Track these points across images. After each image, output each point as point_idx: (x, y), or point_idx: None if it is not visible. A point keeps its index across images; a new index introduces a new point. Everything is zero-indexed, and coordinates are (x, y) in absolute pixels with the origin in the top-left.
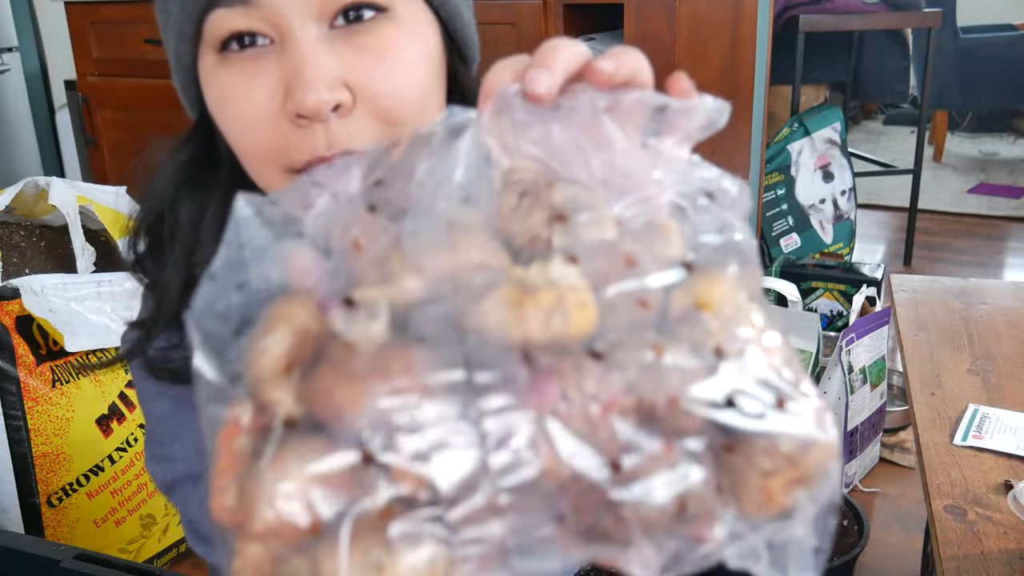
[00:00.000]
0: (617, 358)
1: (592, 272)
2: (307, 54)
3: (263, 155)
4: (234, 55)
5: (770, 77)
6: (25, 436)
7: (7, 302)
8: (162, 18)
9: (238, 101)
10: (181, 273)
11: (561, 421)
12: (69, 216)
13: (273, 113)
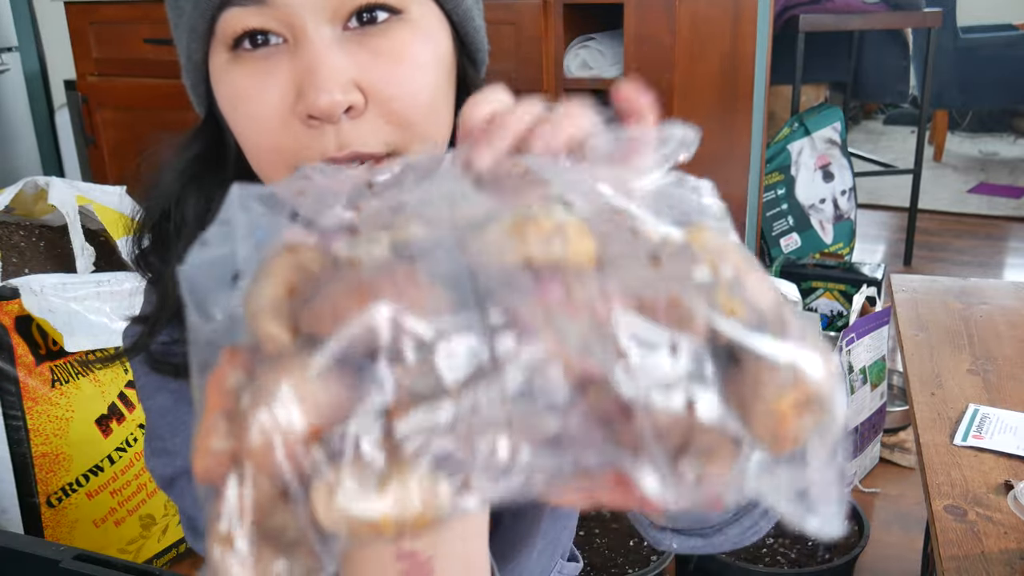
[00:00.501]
0: (617, 268)
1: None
2: (320, 55)
3: (273, 155)
4: (246, 54)
5: (770, 77)
6: (24, 436)
7: (6, 302)
8: (173, 15)
9: (250, 100)
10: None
11: (567, 315)
12: (68, 216)
13: (284, 113)
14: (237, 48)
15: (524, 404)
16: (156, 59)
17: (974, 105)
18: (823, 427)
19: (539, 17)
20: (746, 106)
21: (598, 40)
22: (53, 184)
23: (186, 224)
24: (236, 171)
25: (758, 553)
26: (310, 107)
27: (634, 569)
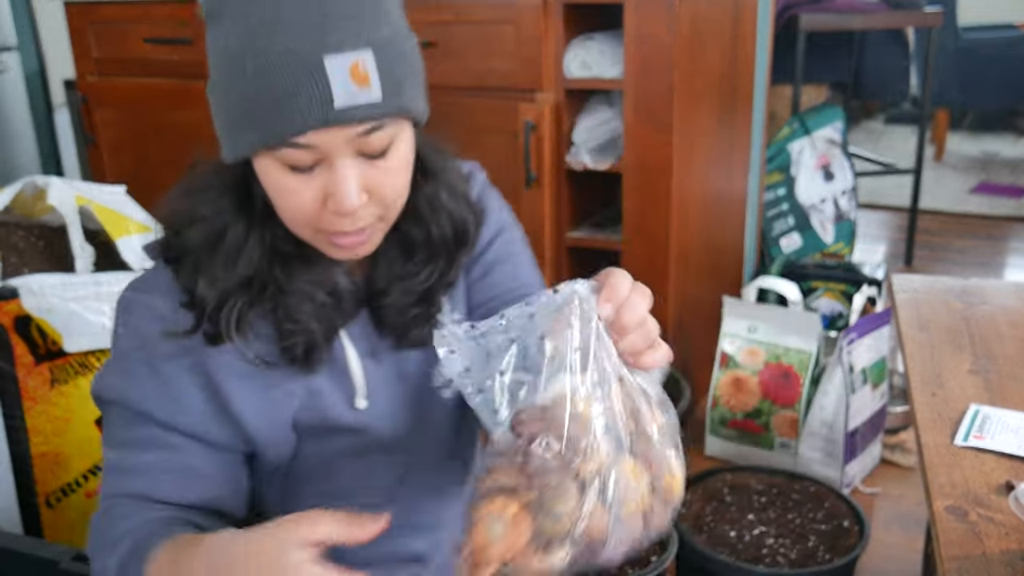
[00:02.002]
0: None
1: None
2: (346, 180)
3: (305, 225)
4: (292, 170)
5: (771, 77)
6: (24, 436)
7: (6, 302)
8: (227, 117)
9: (295, 196)
10: (218, 287)
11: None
12: (68, 216)
13: (318, 206)
14: (286, 166)
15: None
16: (156, 59)
17: (975, 105)
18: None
19: (539, 17)
20: (746, 106)
21: (598, 40)
22: (52, 184)
23: (223, 248)
24: (262, 211)
25: (759, 554)
26: (338, 208)
27: (634, 569)
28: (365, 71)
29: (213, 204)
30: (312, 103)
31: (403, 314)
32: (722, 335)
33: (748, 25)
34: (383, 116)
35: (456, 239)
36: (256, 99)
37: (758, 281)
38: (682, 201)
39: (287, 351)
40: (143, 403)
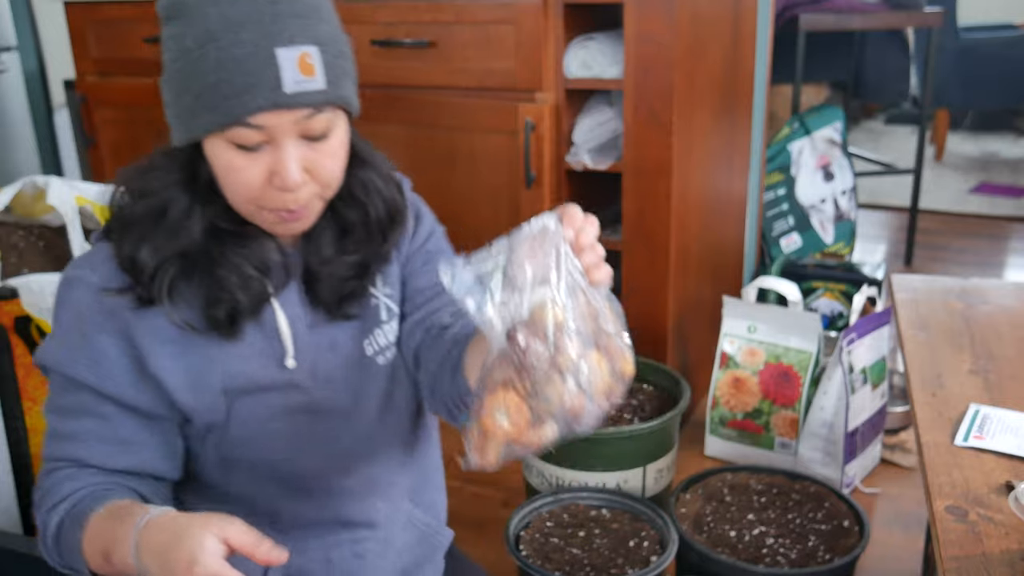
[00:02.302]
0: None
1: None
2: (290, 157)
3: (247, 200)
4: (241, 149)
5: (770, 77)
6: (23, 436)
7: (5, 302)
8: (180, 105)
9: (241, 172)
10: (160, 255)
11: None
12: (68, 216)
13: (263, 183)
14: (236, 145)
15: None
16: (155, 59)
17: (975, 105)
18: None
19: (539, 17)
20: (746, 106)
21: (598, 40)
22: (52, 184)
23: (167, 220)
24: (206, 188)
25: (759, 553)
26: (282, 185)
27: (634, 569)
28: (311, 63)
29: (161, 180)
30: (265, 88)
31: (337, 288)
32: (722, 335)
33: (748, 25)
34: (325, 103)
35: (389, 218)
36: (216, 85)
37: (758, 281)
38: (682, 201)
39: (212, 318)
40: (75, 369)
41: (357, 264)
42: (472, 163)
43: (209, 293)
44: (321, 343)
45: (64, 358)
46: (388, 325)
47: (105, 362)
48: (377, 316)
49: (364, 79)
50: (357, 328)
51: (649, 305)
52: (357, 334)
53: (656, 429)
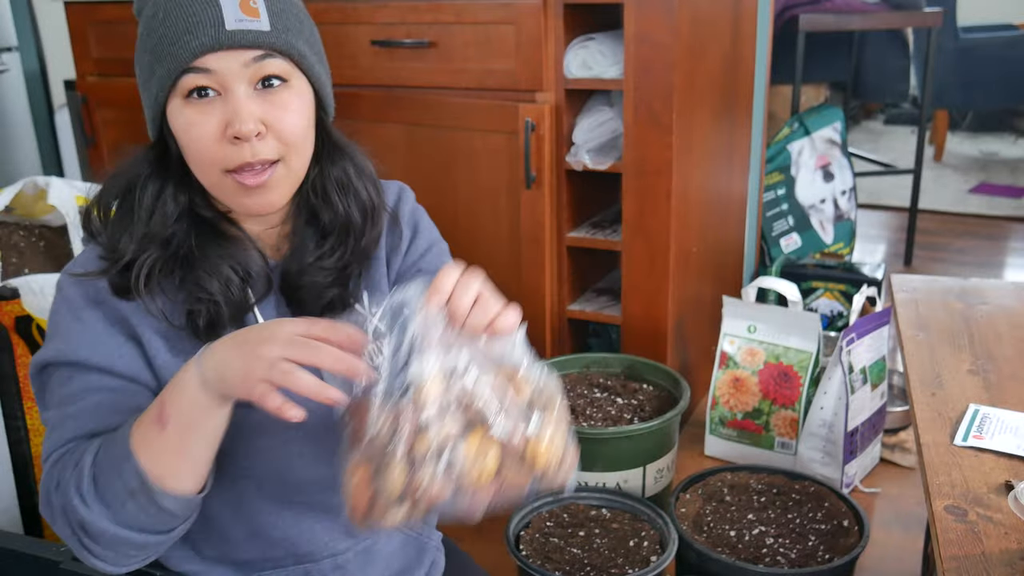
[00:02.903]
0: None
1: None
2: (241, 102)
3: (209, 162)
4: (195, 100)
5: (770, 77)
6: (24, 436)
7: (6, 302)
8: (144, 74)
9: (197, 127)
10: (138, 243)
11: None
12: (68, 216)
13: (218, 136)
14: (189, 97)
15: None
16: None
17: (974, 105)
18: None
19: (539, 17)
20: (746, 106)
21: (598, 40)
22: (53, 184)
23: (142, 202)
24: (178, 170)
25: (759, 553)
26: (236, 132)
27: (634, 569)
28: (254, 6)
29: (133, 166)
30: (207, 26)
31: (320, 296)
32: (722, 335)
33: (748, 25)
34: (270, 45)
35: (364, 217)
36: (163, 38)
37: (758, 281)
38: (682, 201)
39: (191, 321)
40: (79, 352)
41: (336, 268)
42: (472, 163)
43: (190, 295)
44: None
45: (63, 347)
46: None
47: (109, 342)
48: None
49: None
50: None
51: (649, 305)
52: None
53: (656, 429)
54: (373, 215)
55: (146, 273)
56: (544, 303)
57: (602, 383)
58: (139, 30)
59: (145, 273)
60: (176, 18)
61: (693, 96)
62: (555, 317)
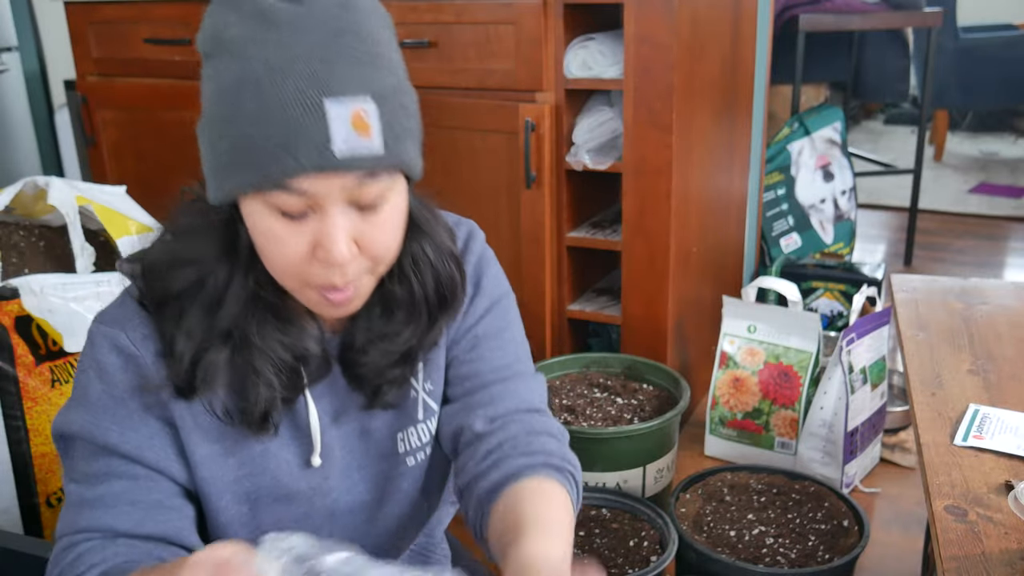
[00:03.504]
0: None
1: None
2: (337, 228)
3: (292, 275)
4: (282, 217)
5: (770, 77)
6: (24, 436)
7: (6, 302)
8: (216, 153)
9: (284, 243)
10: (197, 340)
11: None
12: (68, 216)
13: (306, 256)
14: (275, 210)
15: None
16: (156, 59)
17: (974, 105)
18: None
19: (539, 17)
20: (746, 106)
21: (598, 40)
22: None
23: (205, 293)
24: (245, 259)
25: (759, 553)
26: (327, 258)
27: (634, 569)
28: (366, 120)
29: (197, 249)
30: (310, 147)
31: (380, 375)
32: (722, 335)
33: (748, 25)
34: (382, 168)
35: (439, 298)
36: (253, 140)
37: (758, 281)
38: (682, 201)
39: (245, 412)
40: (108, 436)
41: (401, 351)
42: (472, 163)
43: (244, 383)
44: (351, 431)
45: (92, 423)
46: (424, 424)
47: (143, 430)
48: (414, 413)
49: None
50: (392, 418)
51: (649, 305)
52: (391, 424)
53: (656, 429)
54: (451, 297)
55: (210, 375)
56: (544, 303)
57: (602, 383)
58: (208, 97)
59: (209, 376)
60: (271, 121)
61: (693, 96)
62: (555, 317)
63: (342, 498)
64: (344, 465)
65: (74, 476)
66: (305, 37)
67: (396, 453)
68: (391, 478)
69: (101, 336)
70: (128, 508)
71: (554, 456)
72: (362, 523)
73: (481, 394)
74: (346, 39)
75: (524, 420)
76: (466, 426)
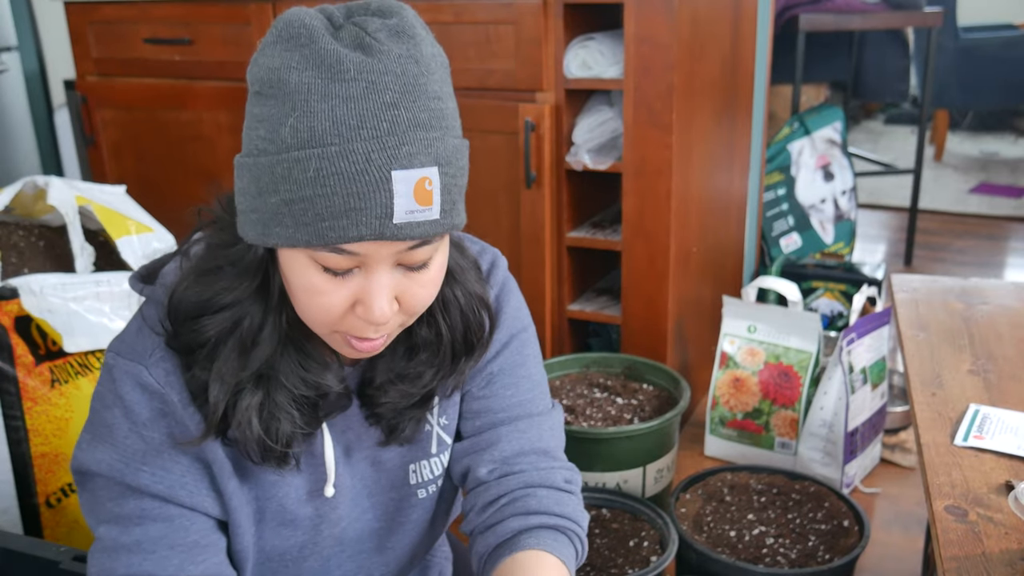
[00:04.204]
0: None
1: None
2: (382, 289)
3: (325, 324)
4: (327, 273)
5: (770, 77)
6: (24, 436)
7: (6, 302)
8: (260, 205)
9: (324, 296)
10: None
11: None
12: (68, 216)
13: (345, 309)
14: (319, 264)
15: None
16: (155, 59)
17: (974, 105)
18: None
19: (539, 17)
20: (746, 106)
21: (598, 40)
22: (52, 184)
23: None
24: (276, 302)
25: (759, 553)
26: (367, 317)
27: (634, 569)
28: (429, 189)
29: (230, 291)
30: (371, 216)
31: (399, 415)
32: (722, 335)
33: (748, 25)
34: (437, 234)
35: (467, 344)
36: (312, 203)
37: (758, 281)
38: (682, 201)
39: (266, 448)
40: (139, 477)
41: (420, 393)
42: (472, 163)
43: (268, 420)
44: (363, 460)
45: (122, 465)
46: (437, 459)
47: (174, 470)
48: (427, 446)
49: None
50: (405, 450)
51: (649, 305)
52: (404, 456)
53: (656, 429)
54: (477, 343)
55: (248, 418)
56: (544, 303)
57: (602, 383)
58: (260, 139)
59: (248, 419)
60: (335, 188)
61: (693, 96)
62: (555, 317)
63: (351, 526)
64: (355, 494)
65: (102, 516)
66: (374, 96)
67: (407, 484)
68: (401, 509)
69: (122, 372)
70: (167, 553)
71: (551, 516)
72: (370, 551)
73: (489, 434)
74: (415, 98)
75: (528, 467)
76: (472, 469)
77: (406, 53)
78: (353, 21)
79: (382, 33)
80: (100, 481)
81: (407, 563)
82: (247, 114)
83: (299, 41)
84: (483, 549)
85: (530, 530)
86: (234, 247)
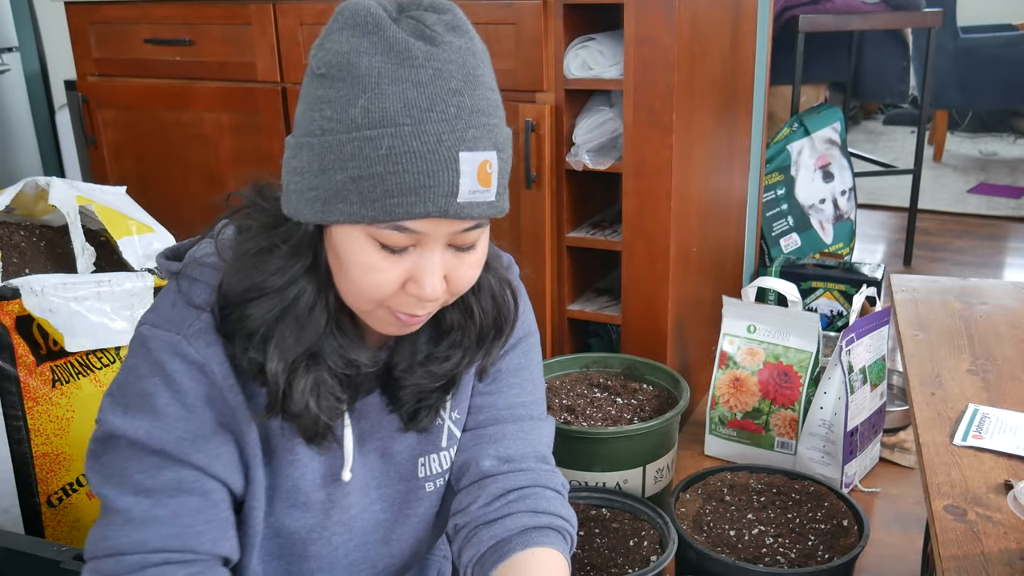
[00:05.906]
0: None
1: None
2: (435, 269)
3: (373, 300)
4: (384, 250)
5: (770, 77)
6: (25, 436)
7: (7, 302)
8: (322, 181)
9: (379, 273)
10: (287, 362)
11: None
12: (69, 216)
13: (397, 286)
14: (377, 241)
15: None
16: (156, 59)
17: (974, 105)
18: None
19: (539, 17)
20: (746, 106)
21: (598, 40)
22: (54, 184)
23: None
24: (325, 279)
25: (758, 553)
26: (419, 294)
27: (634, 569)
28: (490, 171)
29: (285, 273)
30: (439, 196)
31: (420, 398)
32: (722, 335)
33: (748, 25)
34: (492, 215)
35: (496, 327)
36: (382, 179)
37: (758, 281)
38: (682, 201)
39: (323, 426)
40: (180, 446)
41: (446, 375)
42: None
43: (319, 397)
44: (373, 451)
45: (162, 435)
46: (446, 452)
47: (213, 440)
48: (438, 439)
49: None
50: (415, 443)
51: (649, 305)
52: (414, 448)
53: (656, 429)
54: (503, 326)
55: (305, 396)
56: (544, 303)
57: (602, 383)
58: (326, 119)
59: (305, 397)
60: (405, 165)
61: (693, 96)
62: (555, 317)
63: (360, 515)
64: (364, 484)
65: (128, 487)
66: (441, 82)
67: (416, 477)
68: (409, 501)
69: (160, 343)
70: (203, 528)
71: (557, 518)
72: (376, 542)
73: (493, 429)
74: (475, 87)
75: (533, 470)
76: (473, 462)
77: (464, 46)
78: (409, 15)
79: (439, 27)
80: (132, 451)
81: (410, 557)
82: (306, 96)
83: (367, 28)
84: (489, 540)
85: (540, 528)
86: (279, 228)
